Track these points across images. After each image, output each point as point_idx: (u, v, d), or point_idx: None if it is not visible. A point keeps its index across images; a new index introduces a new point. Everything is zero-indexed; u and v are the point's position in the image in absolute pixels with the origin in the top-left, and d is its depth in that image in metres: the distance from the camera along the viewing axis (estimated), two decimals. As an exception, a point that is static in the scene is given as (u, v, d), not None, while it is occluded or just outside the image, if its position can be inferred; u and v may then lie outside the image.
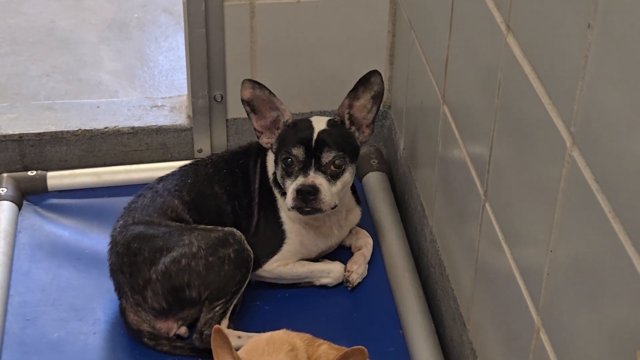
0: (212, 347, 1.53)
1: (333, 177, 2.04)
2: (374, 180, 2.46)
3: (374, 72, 2.09)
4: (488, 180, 1.69)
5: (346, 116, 2.11)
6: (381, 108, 2.54)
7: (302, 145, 2.04)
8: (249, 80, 2.10)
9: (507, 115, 1.56)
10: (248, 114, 2.12)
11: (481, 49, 1.69)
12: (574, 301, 1.31)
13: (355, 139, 2.12)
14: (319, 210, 2.03)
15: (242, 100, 2.10)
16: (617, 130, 1.14)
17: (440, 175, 2.03)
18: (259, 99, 2.10)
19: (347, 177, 2.08)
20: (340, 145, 2.06)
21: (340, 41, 2.43)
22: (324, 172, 2.04)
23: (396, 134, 2.47)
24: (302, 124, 2.09)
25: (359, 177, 2.47)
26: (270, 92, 2.10)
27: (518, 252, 1.56)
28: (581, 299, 1.28)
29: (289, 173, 2.05)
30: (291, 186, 2.03)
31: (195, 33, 2.34)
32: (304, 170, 2.03)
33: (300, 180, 2.02)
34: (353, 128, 2.12)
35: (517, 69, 1.47)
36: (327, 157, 2.04)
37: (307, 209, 2.02)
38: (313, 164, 2.03)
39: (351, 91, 2.10)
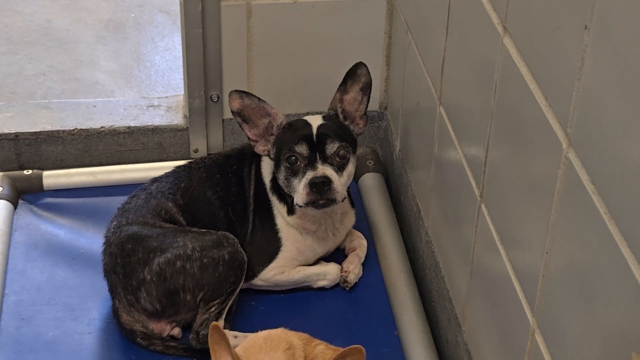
0: (209, 344, 1.53)
1: (339, 168, 2.04)
2: (370, 181, 2.45)
3: (360, 64, 2.11)
4: (484, 182, 1.69)
5: (339, 110, 2.11)
6: (378, 109, 2.54)
7: (305, 141, 2.03)
8: (236, 90, 2.08)
9: (503, 117, 1.56)
10: (240, 125, 2.09)
11: (478, 50, 1.69)
12: (570, 303, 1.31)
13: (352, 131, 2.12)
14: (333, 201, 2.02)
15: (233, 112, 2.08)
16: (613, 132, 1.14)
17: (436, 177, 2.03)
18: (248, 108, 2.08)
19: (351, 168, 2.08)
20: (341, 136, 2.06)
21: (337, 42, 2.43)
22: (331, 164, 2.03)
23: (392, 135, 2.47)
24: (298, 124, 2.09)
25: (355, 178, 2.47)
26: (259, 98, 2.09)
27: (514, 253, 1.56)
28: (576, 301, 1.28)
29: (294, 172, 2.04)
30: (301, 183, 2.01)
31: (191, 33, 2.34)
32: (311, 165, 2.02)
33: (310, 174, 2.01)
34: (347, 121, 2.12)
35: (514, 70, 1.47)
36: (331, 148, 2.04)
37: (321, 202, 2.02)
38: (318, 158, 2.03)
39: (340, 85, 2.11)
